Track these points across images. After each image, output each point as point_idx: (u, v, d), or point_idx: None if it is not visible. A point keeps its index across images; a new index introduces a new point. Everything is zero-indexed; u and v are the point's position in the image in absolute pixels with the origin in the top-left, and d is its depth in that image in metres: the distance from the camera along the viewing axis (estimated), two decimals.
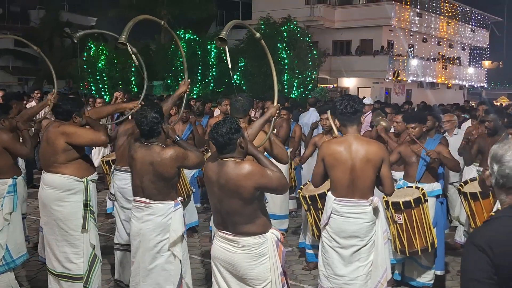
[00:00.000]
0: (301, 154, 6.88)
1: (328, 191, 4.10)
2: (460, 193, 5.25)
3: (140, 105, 4.68)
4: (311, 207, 5.08)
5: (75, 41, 4.49)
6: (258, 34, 3.82)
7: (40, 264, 5.46)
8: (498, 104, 21.55)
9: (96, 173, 4.54)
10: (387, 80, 27.95)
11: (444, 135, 7.05)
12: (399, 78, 27.71)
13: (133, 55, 4.19)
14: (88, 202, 4.35)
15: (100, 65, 24.61)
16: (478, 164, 6.25)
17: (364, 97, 11.85)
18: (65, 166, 4.27)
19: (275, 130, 6.31)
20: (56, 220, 4.31)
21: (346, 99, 3.90)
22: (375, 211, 3.86)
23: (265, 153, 3.81)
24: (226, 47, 3.57)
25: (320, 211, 4.91)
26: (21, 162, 6.51)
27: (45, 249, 4.57)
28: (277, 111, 3.89)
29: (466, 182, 5.43)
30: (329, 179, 4.01)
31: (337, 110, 3.89)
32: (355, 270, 3.86)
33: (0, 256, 4.52)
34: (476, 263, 1.86)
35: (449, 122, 7.25)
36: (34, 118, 5.74)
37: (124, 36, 3.80)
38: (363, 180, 3.81)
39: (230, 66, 3.90)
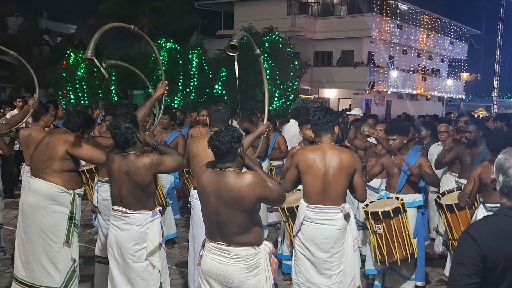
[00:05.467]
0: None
1: None
2: (438, 205, 5.32)
3: None
4: (289, 218, 5.07)
5: (103, 67, 4.10)
6: (258, 51, 3.88)
7: None
8: (476, 115, 21.92)
9: (83, 188, 4.49)
10: (367, 91, 28.23)
11: (437, 144, 7.09)
12: (374, 89, 27.95)
13: (102, 68, 4.06)
14: (74, 215, 4.28)
15: (79, 73, 24.35)
16: (457, 175, 6.30)
17: (348, 108, 11.98)
18: (56, 175, 4.21)
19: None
20: (37, 229, 4.21)
21: (319, 110, 4.07)
22: (346, 218, 3.94)
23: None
24: (236, 55, 3.64)
25: None
26: None
27: (15, 256, 4.44)
28: (267, 129, 4.02)
29: (443, 194, 5.50)
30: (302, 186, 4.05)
31: (311, 121, 4.06)
32: (328, 278, 3.92)
33: None
34: (467, 250, 2.10)
35: (446, 133, 7.09)
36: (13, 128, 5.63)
37: (90, 52, 3.54)
38: (335, 187, 3.90)
39: (237, 75, 3.92)
